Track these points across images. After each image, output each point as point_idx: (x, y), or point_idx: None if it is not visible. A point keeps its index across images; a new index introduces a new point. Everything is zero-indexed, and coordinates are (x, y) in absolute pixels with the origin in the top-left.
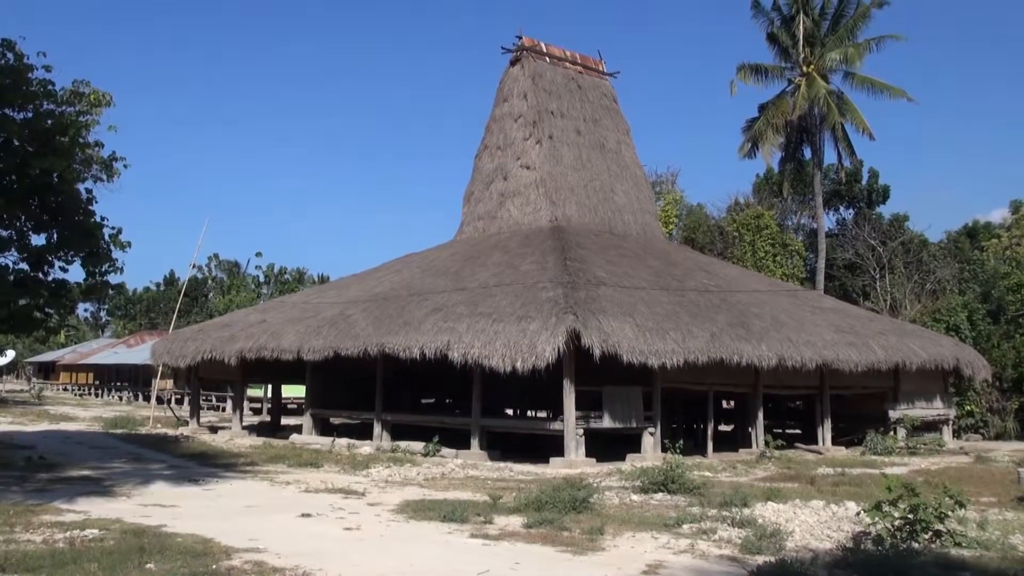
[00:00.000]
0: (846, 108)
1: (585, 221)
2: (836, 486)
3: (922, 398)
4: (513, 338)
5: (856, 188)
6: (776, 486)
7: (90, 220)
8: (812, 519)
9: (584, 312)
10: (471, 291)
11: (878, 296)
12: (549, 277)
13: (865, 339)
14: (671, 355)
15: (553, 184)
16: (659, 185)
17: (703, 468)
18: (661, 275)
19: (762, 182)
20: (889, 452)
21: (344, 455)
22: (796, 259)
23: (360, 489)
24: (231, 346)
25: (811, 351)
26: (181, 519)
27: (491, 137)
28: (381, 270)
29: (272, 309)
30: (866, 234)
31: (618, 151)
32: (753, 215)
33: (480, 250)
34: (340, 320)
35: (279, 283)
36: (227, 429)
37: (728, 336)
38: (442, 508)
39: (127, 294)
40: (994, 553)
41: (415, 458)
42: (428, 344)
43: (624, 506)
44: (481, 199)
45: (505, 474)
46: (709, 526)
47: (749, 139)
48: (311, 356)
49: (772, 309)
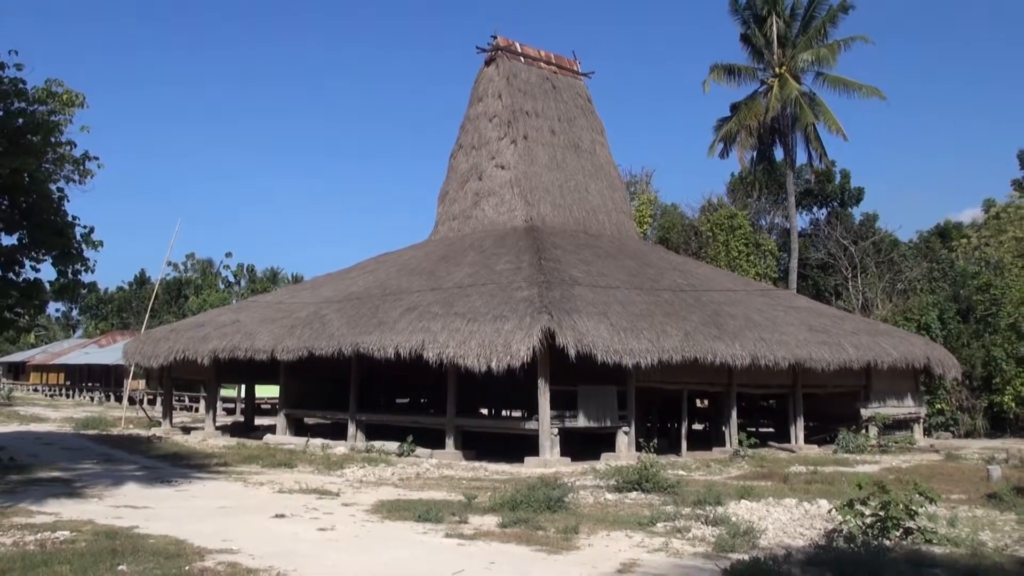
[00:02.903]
0: (818, 109)
1: (560, 221)
2: (809, 484)
3: (893, 397)
4: (488, 338)
5: (829, 188)
6: (749, 484)
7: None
8: (785, 517)
9: (559, 312)
10: (446, 291)
11: (850, 295)
12: (524, 277)
13: (837, 338)
14: (645, 354)
15: (528, 184)
16: (634, 185)
17: (677, 467)
18: (635, 275)
19: (736, 182)
20: (861, 450)
21: (318, 455)
22: (769, 259)
23: (334, 489)
24: (204, 346)
25: (784, 350)
26: (154, 520)
27: (466, 136)
28: (355, 270)
29: (245, 309)
30: (838, 234)
31: (593, 151)
32: (727, 215)
33: (455, 250)
34: (314, 320)
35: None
36: (200, 430)
37: (702, 335)
38: (417, 508)
39: (99, 294)
40: (964, 549)
41: (390, 458)
42: (403, 344)
43: (599, 505)
44: (456, 199)
45: (480, 474)
46: (683, 524)
47: (721, 139)
48: (285, 356)
49: (745, 308)
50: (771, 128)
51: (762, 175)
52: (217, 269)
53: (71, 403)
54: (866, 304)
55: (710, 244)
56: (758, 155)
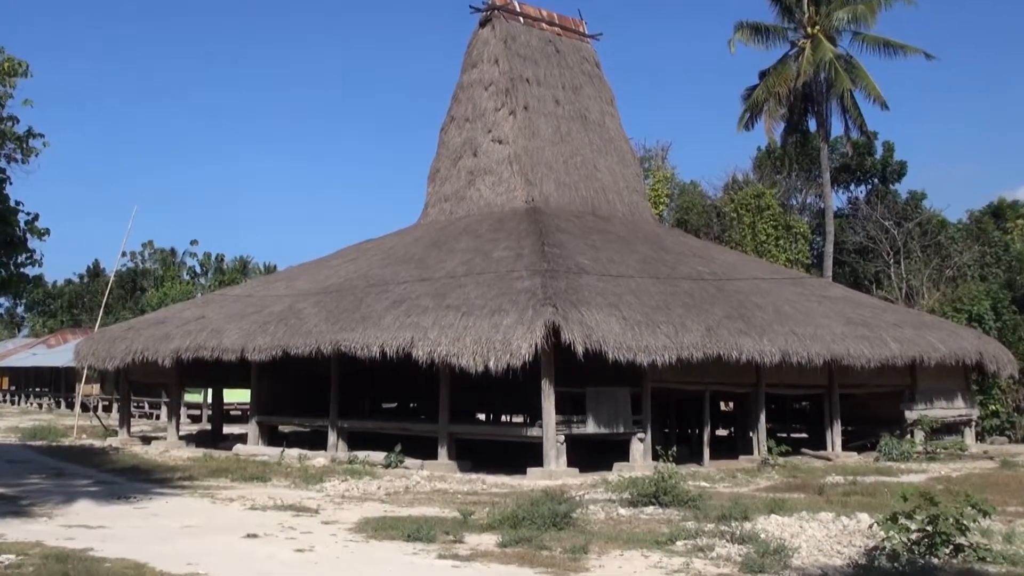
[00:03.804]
0: (856, 74)
1: (565, 201)
2: (847, 496)
3: (942, 397)
4: (485, 334)
5: (868, 163)
6: (780, 497)
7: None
8: (820, 533)
9: (564, 304)
10: (437, 281)
11: (892, 283)
12: (525, 265)
13: (878, 332)
14: (662, 351)
15: (528, 160)
16: (648, 161)
17: (699, 477)
18: (651, 262)
19: (763, 157)
20: (905, 457)
21: (295, 467)
22: (801, 243)
23: (313, 505)
24: (165, 345)
25: (819, 346)
26: (110, 542)
27: (459, 108)
28: (335, 258)
29: (212, 303)
30: (879, 214)
31: (602, 123)
32: (753, 194)
33: (447, 235)
34: (289, 315)
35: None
36: (162, 439)
37: (726, 330)
38: (406, 526)
39: (46, 288)
40: (1022, 569)
41: (375, 470)
42: (389, 341)
43: (611, 521)
44: (448, 178)
45: (477, 487)
46: (706, 542)
47: (748, 109)
48: (256, 356)
49: (775, 299)
50: (803, 95)
51: (793, 149)
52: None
53: (16, 411)
54: (910, 293)
55: (734, 227)
56: (788, 126)
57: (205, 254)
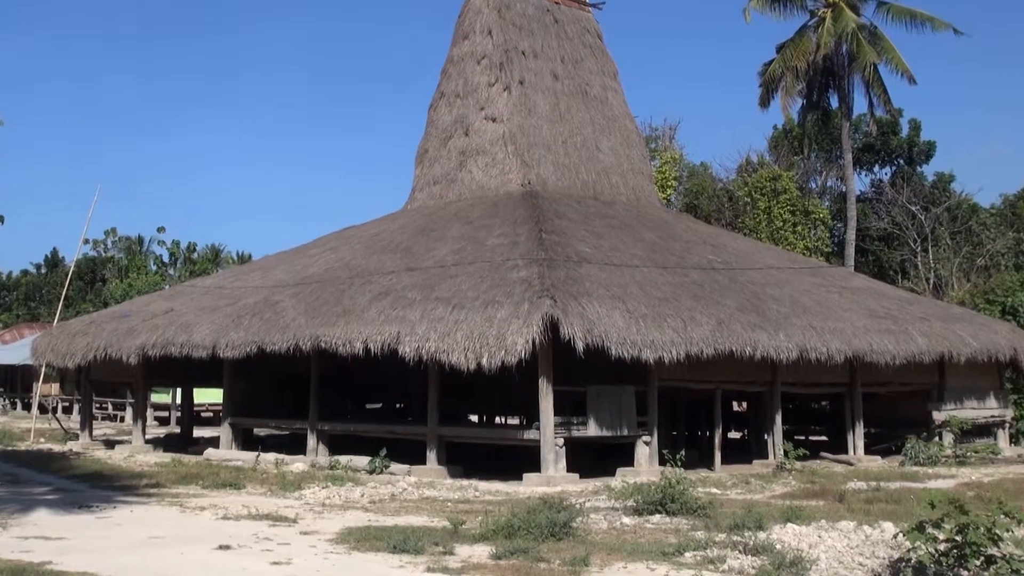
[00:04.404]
0: (881, 46)
1: (564, 185)
2: (870, 503)
3: (973, 396)
4: (477, 328)
5: (894, 143)
6: (797, 504)
7: None
8: (841, 543)
9: (563, 296)
10: (425, 271)
11: (919, 273)
12: (520, 253)
13: (904, 325)
14: (670, 347)
15: (525, 139)
16: (655, 141)
17: (709, 484)
18: (658, 250)
19: (780, 136)
20: (933, 462)
21: (271, 473)
22: (821, 229)
23: (291, 515)
24: (130, 341)
25: (839, 341)
26: (70, 554)
27: (449, 83)
28: (315, 247)
29: (181, 295)
30: (905, 198)
31: (604, 99)
32: (769, 177)
33: (436, 221)
34: (265, 308)
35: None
36: (126, 443)
37: (739, 323)
38: (392, 536)
39: (0, 279)
40: None
41: (359, 476)
42: (373, 337)
43: (614, 531)
44: (437, 159)
45: (469, 494)
46: (717, 554)
47: (764, 85)
48: (229, 353)
49: (792, 290)
50: (823, 70)
51: (812, 127)
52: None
53: None
54: (939, 283)
55: (748, 212)
56: (807, 103)
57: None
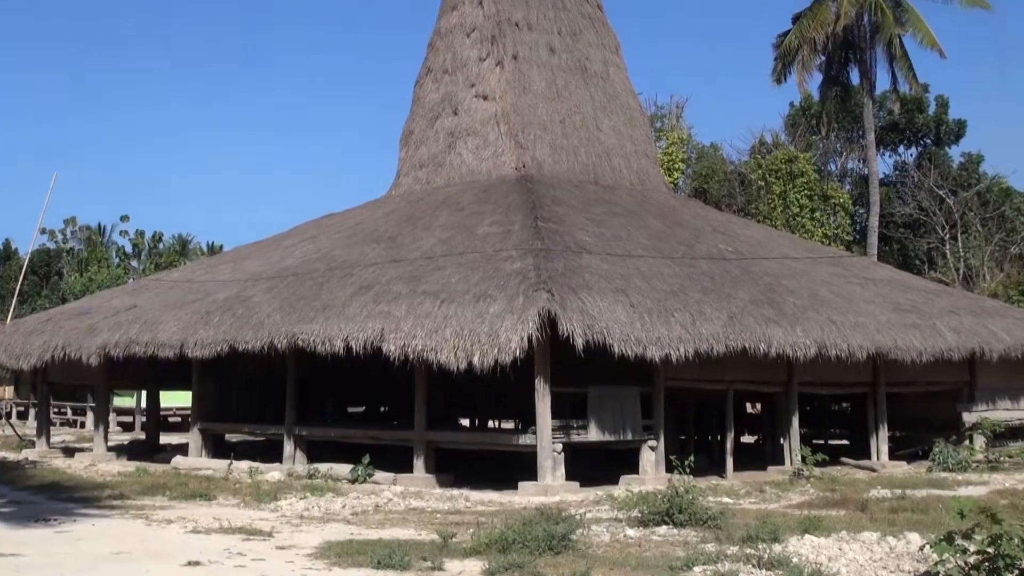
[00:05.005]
0: (906, 16)
1: (562, 168)
2: (894, 513)
3: (1006, 396)
4: (468, 325)
5: (919, 121)
6: (816, 514)
7: None
8: (863, 557)
9: (562, 289)
10: (411, 263)
11: (948, 263)
12: (515, 243)
13: (931, 320)
14: (677, 344)
15: (519, 119)
16: (660, 120)
17: (721, 492)
18: (664, 239)
19: (797, 115)
20: (963, 467)
21: (245, 483)
22: (841, 215)
23: (266, 528)
24: (91, 340)
25: (861, 336)
26: (27, 572)
27: (436, 58)
28: (291, 236)
29: (146, 290)
30: (932, 181)
31: (605, 75)
32: (784, 158)
33: (423, 208)
34: (237, 304)
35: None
36: (87, 451)
37: (752, 318)
38: (376, 551)
39: None
40: None
41: (339, 485)
42: (355, 334)
43: (617, 544)
44: (424, 140)
45: (459, 504)
46: (729, 568)
47: (780, 59)
48: (199, 352)
49: (810, 282)
50: (843, 42)
51: (831, 105)
52: (108, 238)
53: None
54: (969, 274)
55: (762, 197)
56: (826, 78)
57: (138, 232)
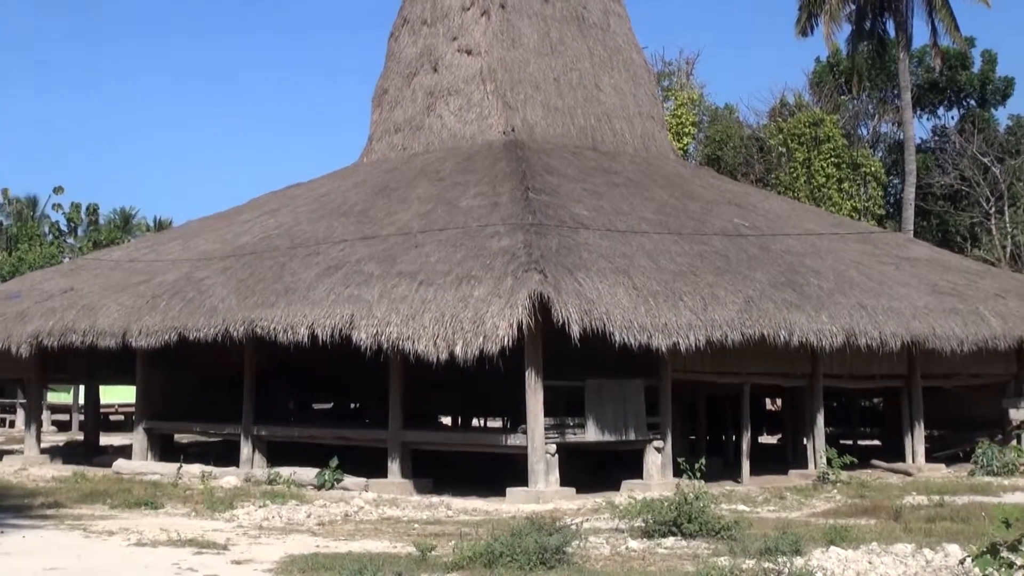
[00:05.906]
0: None
1: (556, 132)
2: (931, 522)
3: None
4: (449, 310)
5: (962, 79)
6: (843, 524)
7: None
8: (896, 571)
9: (556, 269)
10: (385, 240)
11: (994, 240)
12: (502, 217)
13: (974, 304)
14: (687, 332)
15: (507, 77)
16: (668, 78)
17: (736, 499)
18: (671, 213)
19: (823, 72)
20: (1010, 471)
21: (196, 489)
22: (872, 186)
23: (221, 540)
24: (20, 328)
25: (895, 323)
26: None
27: (413, 7)
28: (249, 210)
29: (84, 271)
30: (976, 148)
31: (605, 26)
32: (808, 122)
33: (399, 178)
34: (187, 286)
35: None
36: (17, 454)
37: (772, 302)
38: (345, 566)
39: None
40: None
41: (304, 492)
42: (321, 321)
43: (618, 557)
44: (399, 101)
45: (440, 513)
46: None
47: (805, 8)
48: (143, 341)
49: (836, 261)
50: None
51: (863, 61)
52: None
53: None
54: (1017, 252)
55: (783, 165)
56: (857, 30)
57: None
